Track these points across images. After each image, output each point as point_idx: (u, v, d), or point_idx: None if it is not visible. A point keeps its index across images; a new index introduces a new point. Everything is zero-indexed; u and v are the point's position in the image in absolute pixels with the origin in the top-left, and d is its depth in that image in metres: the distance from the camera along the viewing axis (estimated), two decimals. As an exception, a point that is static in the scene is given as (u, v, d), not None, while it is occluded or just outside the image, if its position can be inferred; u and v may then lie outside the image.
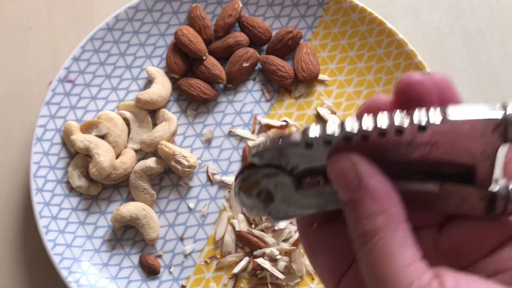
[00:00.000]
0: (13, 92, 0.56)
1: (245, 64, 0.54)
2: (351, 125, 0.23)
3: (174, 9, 0.56)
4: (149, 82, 0.55)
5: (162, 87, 0.53)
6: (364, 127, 0.22)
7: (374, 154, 0.23)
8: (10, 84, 0.57)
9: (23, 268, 0.52)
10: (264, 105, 0.55)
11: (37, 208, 0.50)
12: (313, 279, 0.51)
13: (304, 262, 0.51)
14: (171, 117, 0.53)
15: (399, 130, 0.22)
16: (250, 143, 0.53)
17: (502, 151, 0.23)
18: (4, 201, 0.54)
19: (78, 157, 0.52)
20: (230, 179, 0.53)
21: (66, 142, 0.52)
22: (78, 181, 0.52)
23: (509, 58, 0.59)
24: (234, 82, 0.55)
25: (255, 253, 0.50)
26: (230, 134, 0.55)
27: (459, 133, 0.22)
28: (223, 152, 0.54)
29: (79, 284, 0.49)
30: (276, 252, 0.50)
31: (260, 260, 0.50)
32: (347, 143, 0.23)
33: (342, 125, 0.23)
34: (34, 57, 0.57)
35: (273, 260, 0.50)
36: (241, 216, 0.51)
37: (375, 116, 0.22)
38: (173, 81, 0.55)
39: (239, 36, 0.55)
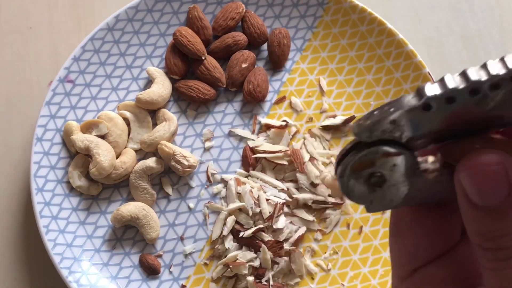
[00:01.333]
0: (14, 92, 0.56)
1: (244, 65, 0.54)
2: (477, 74, 0.19)
3: (174, 9, 0.56)
4: (149, 82, 0.55)
5: (162, 87, 0.53)
6: (493, 73, 0.19)
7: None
8: (10, 84, 0.57)
9: (23, 268, 0.52)
10: (264, 105, 0.55)
11: (37, 208, 0.50)
12: (313, 278, 0.51)
13: (303, 262, 0.51)
14: (171, 117, 0.53)
15: None
16: (250, 143, 0.54)
17: None
18: (4, 201, 0.54)
19: (78, 157, 0.52)
20: (229, 176, 0.53)
21: (67, 142, 0.53)
22: (79, 181, 0.52)
23: (509, 58, 0.59)
24: (237, 85, 0.55)
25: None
26: (230, 134, 0.55)
27: None
28: (223, 152, 0.54)
29: (79, 283, 0.49)
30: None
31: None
32: (474, 96, 0.19)
33: (465, 75, 0.19)
34: (34, 57, 0.57)
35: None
36: (232, 218, 0.51)
37: (502, 60, 0.19)
38: (173, 81, 0.55)
39: (238, 36, 0.55)
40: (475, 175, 0.20)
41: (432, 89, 0.19)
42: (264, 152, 0.53)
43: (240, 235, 0.51)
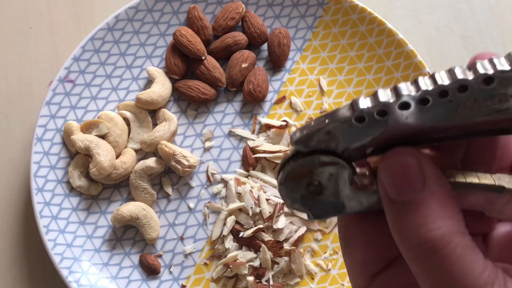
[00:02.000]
0: (14, 92, 0.56)
1: (244, 65, 0.54)
2: (407, 89, 0.20)
3: (174, 9, 0.56)
4: (149, 82, 0.55)
5: (162, 87, 0.53)
6: (423, 88, 0.19)
7: (439, 121, 0.20)
8: (10, 84, 0.57)
9: (23, 268, 0.52)
10: (264, 105, 0.55)
11: (37, 207, 0.50)
12: (313, 278, 0.51)
13: (304, 262, 0.51)
14: (171, 117, 0.53)
15: (465, 87, 0.19)
16: (250, 143, 0.54)
17: None
18: (4, 200, 0.54)
19: (78, 157, 0.52)
20: (229, 176, 0.53)
21: (67, 142, 0.53)
22: (79, 181, 0.52)
23: (509, 58, 0.59)
24: (237, 85, 0.55)
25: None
26: (230, 134, 0.55)
27: None
28: (223, 152, 0.54)
29: (79, 283, 0.49)
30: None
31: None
32: (404, 109, 0.20)
33: (396, 90, 0.20)
34: (34, 57, 0.57)
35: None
36: (232, 218, 0.51)
37: (432, 76, 0.19)
38: (173, 81, 0.55)
39: (238, 35, 0.55)
40: (391, 166, 0.21)
41: (364, 103, 0.20)
42: (264, 152, 0.53)
43: (240, 235, 0.51)
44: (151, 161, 0.52)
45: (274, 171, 0.53)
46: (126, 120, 0.54)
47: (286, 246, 0.51)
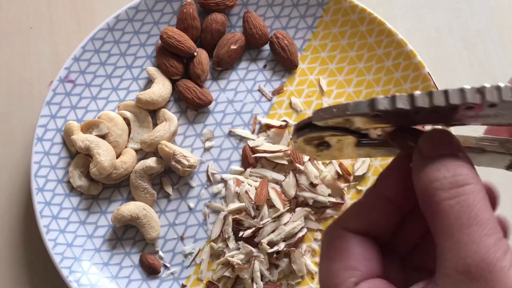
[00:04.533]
0: (14, 92, 0.57)
1: (233, 47, 0.54)
2: (422, 100, 0.24)
3: (174, 9, 0.56)
4: (149, 82, 0.55)
5: (162, 87, 0.53)
6: (435, 103, 0.23)
7: (438, 122, 0.26)
8: (11, 84, 0.57)
9: (24, 268, 0.52)
10: (264, 105, 0.56)
11: (38, 207, 0.50)
12: (313, 278, 0.51)
13: (304, 262, 0.51)
14: (172, 117, 0.53)
15: (470, 107, 0.23)
16: (251, 143, 0.54)
17: None
18: (5, 200, 0.54)
19: (78, 157, 0.52)
20: (229, 176, 0.53)
21: (67, 142, 0.53)
22: (79, 181, 0.52)
23: (508, 58, 0.59)
24: (223, 65, 0.55)
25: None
26: (230, 134, 0.55)
27: None
28: (223, 152, 0.54)
29: (80, 283, 0.49)
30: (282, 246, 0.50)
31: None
32: (415, 114, 0.24)
33: (411, 98, 0.24)
34: (34, 57, 0.58)
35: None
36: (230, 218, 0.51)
37: (445, 92, 0.23)
38: (173, 81, 0.55)
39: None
40: (433, 134, 0.26)
41: (383, 104, 0.24)
42: (264, 152, 0.53)
43: (240, 235, 0.51)
44: (151, 161, 0.52)
45: (274, 170, 0.53)
46: (126, 120, 0.54)
47: (286, 247, 0.51)
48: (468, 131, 0.31)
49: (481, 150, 0.29)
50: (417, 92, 0.24)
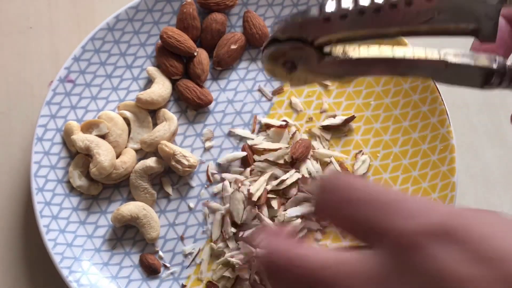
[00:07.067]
0: (14, 92, 0.57)
1: (233, 47, 0.54)
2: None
3: (174, 9, 0.56)
4: (149, 82, 0.55)
5: (162, 87, 0.53)
6: (376, 1, 0.25)
7: (385, 26, 0.27)
8: (10, 84, 0.57)
9: (24, 268, 0.52)
10: (264, 105, 0.56)
11: (37, 207, 0.50)
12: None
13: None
14: (172, 117, 0.53)
15: (409, 2, 0.25)
16: (249, 142, 0.54)
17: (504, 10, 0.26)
18: (5, 200, 0.54)
19: (78, 156, 0.52)
20: (230, 176, 0.53)
21: (67, 141, 0.53)
22: (79, 181, 0.52)
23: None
24: (223, 65, 0.55)
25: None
26: (230, 134, 0.55)
27: None
28: (223, 152, 0.54)
29: (80, 283, 0.49)
30: None
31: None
32: (360, 15, 0.26)
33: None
34: (34, 57, 0.57)
35: None
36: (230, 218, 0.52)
37: None
38: (173, 81, 0.55)
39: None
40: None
41: (330, 7, 0.26)
42: (264, 150, 0.53)
43: (240, 235, 0.51)
44: (151, 161, 0.52)
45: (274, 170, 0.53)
46: (126, 120, 0.54)
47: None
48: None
49: (444, 64, 0.29)
50: None
